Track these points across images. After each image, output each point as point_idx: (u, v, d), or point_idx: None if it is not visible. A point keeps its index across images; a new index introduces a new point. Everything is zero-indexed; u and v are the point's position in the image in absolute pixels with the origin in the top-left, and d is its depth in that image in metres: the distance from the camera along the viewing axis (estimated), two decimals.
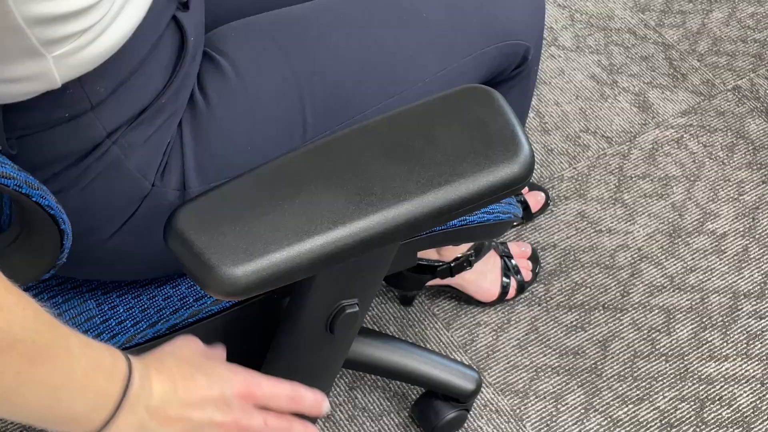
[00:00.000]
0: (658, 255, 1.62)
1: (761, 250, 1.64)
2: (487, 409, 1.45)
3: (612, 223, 1.66)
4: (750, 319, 1.56)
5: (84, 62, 0.78)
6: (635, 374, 1.49)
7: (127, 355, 0.72)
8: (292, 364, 0.89)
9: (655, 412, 1.45)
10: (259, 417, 0.79)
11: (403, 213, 0.75)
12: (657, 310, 1.56)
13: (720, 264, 1.62)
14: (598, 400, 1.46)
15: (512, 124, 0.79)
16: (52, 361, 0.67)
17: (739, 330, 1.54)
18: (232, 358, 0.96)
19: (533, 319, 1.54)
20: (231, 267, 0.71)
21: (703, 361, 1.51)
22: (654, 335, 1.53)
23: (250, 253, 0.72)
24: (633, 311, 1.56)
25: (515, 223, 1.64)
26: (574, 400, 1.46)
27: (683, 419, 1.45)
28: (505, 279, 1.53)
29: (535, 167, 1.72)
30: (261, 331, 0.93)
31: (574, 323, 1.54)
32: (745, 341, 1.53)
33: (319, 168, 0.77)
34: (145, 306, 0.87)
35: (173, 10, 0.86)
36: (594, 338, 1.52)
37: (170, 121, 0.87)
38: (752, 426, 1.45)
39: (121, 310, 0.86)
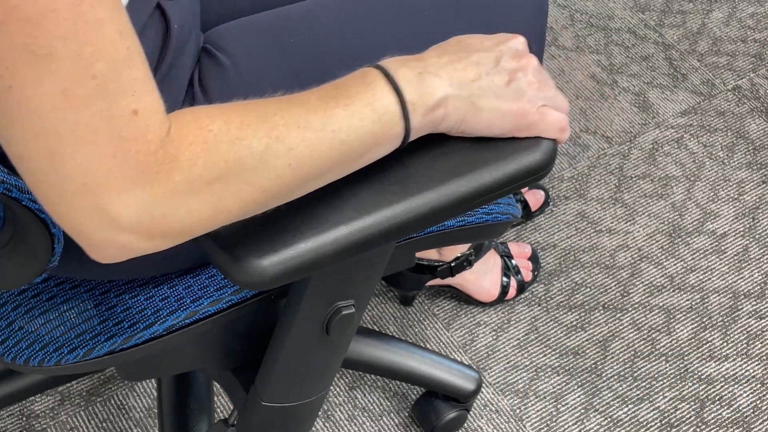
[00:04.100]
0: (658, 255, 1.62)
1: (761, 250, 1.64)
2: (487, 409, 1.45)
3: (612, 223, 1.66)
4: (750, 319, 1.56)
5: None
6: (635, 374, 1.49)
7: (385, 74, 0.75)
8: (289, 365, 0.89)
9: (655, 412, 1.45)
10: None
11: (428, 201, 0.75)
12: (657, 310, 1.56)
13: (720, 264, 1.62)
14: (598, 400, 1.46)
15: None
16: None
17: (739, 330, 1.54)
18: (229, 358, 0.97)
19: (533, 319, 1.54)
20: (257, 258, 0.70)
21: (703, 361, 1.51)
22: (654, 335, 1.53)
23: (276, 243, 0.71)
24: (633, 311, 1.56)
25: (515, 223, 1.64)
26: (574, 400, 1.46)
27: (683, 419, 1.45)
28: (505, 279, 1.53)
29: None
30: (258, 332, 0.93)
31: (574, 323, 1.54)
32: (745, 341, 1.53)
33: None
34: (143, 307, 0.87)
35: None
36: (594, 338, 1.52)
37: None
38: (752, 426, 1.45)
39: (119, 311, 0.86)
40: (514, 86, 0.79)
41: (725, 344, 1.53)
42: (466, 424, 1.43)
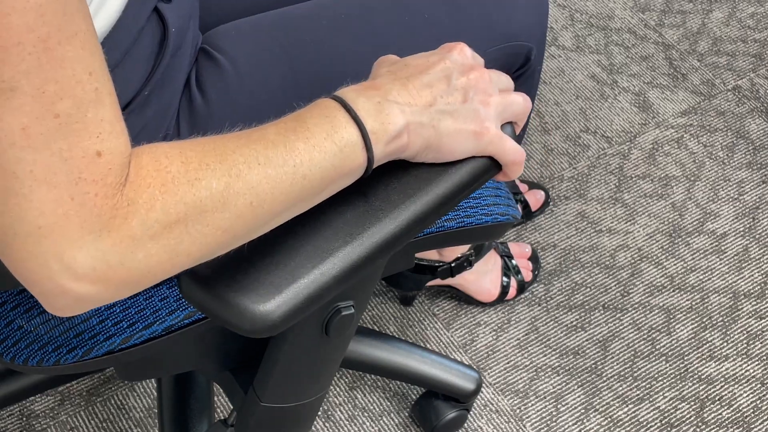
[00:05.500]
0: (658, 255, 1.62)
1: (761, 250, 1.64)
2: (487, 409, 1.45)
3: (612, 223, 1.66)
4: (750, 319, 1.56)
5: None
6: (635, 374, 1.49)
7: (343, 106, 0.73)
8: (288, 365, 0.89)
9: (655, 412, 1.45)
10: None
11: (413, 210, 0.75)
12: (657, 310, 1.56)
13: (720, 264, 1.62)
14: (598, 400, 1.46)
15: None
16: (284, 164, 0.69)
17: (739, 330, 1.54)
18: (228, 359, 0.97)
19: (533, 319, 1.54)
20: (263, 303, 0.68)
21: (703, 361, 1.51)
22: (654, 335, 1.53)
23: (278, 285, 0.69)
24: (633, 311, 1.56)
25: (515, 223, 1.64)
26: (574, 400, 1.46)
27: (683, 419, 1.45)
28: (505, 279, 1.53)
29: (536, 167, 1.73)
30: None
31: (574, 323, 1.54)
32: (745, 341, 1.53)
33: None
34: (142, 306, 0.87)
35: (155, 1, 0.86)
36: (594, 338, 1.52)
37: (160, 117, 0.87)
38: (752, 426, 1.45)
39: (118, 311, 0.86)
40: (469, 106, 0.77)
41: (725, 344, 1.53)
42: (466, 424, 1.43)
